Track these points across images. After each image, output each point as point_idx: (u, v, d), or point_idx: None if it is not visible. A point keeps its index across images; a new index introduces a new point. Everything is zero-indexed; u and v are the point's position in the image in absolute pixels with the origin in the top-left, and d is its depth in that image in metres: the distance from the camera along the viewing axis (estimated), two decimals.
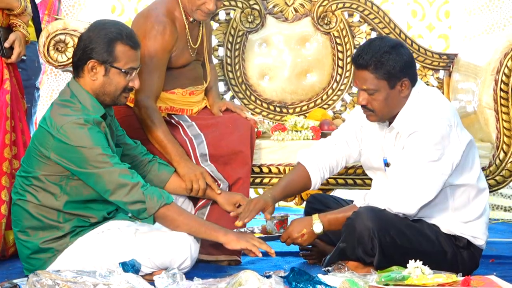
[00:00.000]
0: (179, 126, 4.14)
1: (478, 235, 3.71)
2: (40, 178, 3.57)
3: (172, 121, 4.20)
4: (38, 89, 4.92)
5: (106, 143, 3.54)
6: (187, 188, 3.97)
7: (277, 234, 3.80)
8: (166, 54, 4.06)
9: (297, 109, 4.97)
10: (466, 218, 3.69)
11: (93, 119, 3.52)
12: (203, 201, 4.06)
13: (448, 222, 3.69)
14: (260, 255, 3.60)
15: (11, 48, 4.17)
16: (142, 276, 3.37)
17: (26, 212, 3.60)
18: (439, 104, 3.65)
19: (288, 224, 3.81)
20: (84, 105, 3.58)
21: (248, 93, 4.96)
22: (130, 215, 3.65)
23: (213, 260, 3.99)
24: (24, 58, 4.36)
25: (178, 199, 4.03)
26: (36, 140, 3.58)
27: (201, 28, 4.28)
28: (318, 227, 3.69)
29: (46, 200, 3.58)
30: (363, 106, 3.68)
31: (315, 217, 3.71)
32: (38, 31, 4.59)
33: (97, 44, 3.57)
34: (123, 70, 3.60)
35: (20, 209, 3.62)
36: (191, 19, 4.18)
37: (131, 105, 4.09)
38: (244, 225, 3.80)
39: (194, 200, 4.10)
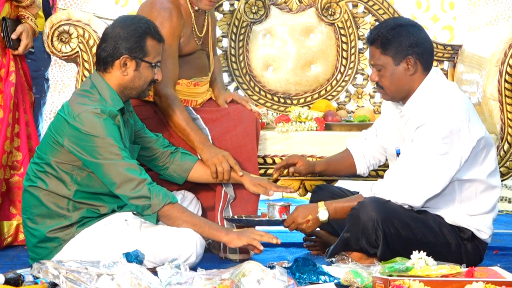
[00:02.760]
0: None
1: (482, 229, 3.70)
2: (52, 165, 3.60)
3: None
4: (47, 80, 4.93)
5: (119, 136, 3.57)
6: (212, 172, 3.98)
7: (281, 219, 3.80)
8: (175, 40, 4.07)
9: (301, 100, 4.97)
10: (472, 211, 3.69)
11: (109, 111, 3.56)
12: (221, 203, 4.07)
13: (454, 214, 3.68)
14: (262, 248, 3.60)
15: (19, 40, 4.17)
16: None
17: (36, 198, 3.63)
18: (451, 98, 3.63)
19: (291, 211, 3.81)
20: (103, 96, 3.63)
21: (252, 84, 4.96)
22: (134, 212, 3.65)
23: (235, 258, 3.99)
24: (32, 50, 4.36)
25: (186, 199, 4.04)
26: (52, 127, 3.63)
27: (206, 17, 4.29)
28: (323, 215, 3.69)
29: (56, 187, 3.61)
30: (376, 84, 3.74)
31: (321, 204, 3.71)
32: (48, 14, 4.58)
33: (128, 40, 3.63)
34: (152, 64, 3.67)
35: (30, 196, 3.65)
36: (196, 8, 4.18)
37: None
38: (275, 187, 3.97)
39: (206, 202, 4.13)
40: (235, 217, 3.93)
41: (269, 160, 4.38)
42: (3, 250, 4.12)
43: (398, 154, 3.77)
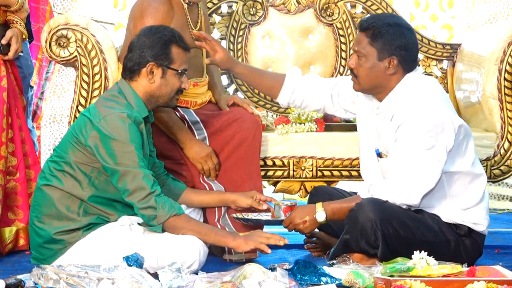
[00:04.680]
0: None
1: (478, 221, 3.71)
2: (72, 164, 3.63)
3: (177, 114, 4.20)
4: (32, 87, 4.93)
5: (141, 143, 3.60)
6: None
7: (280, 219, 3.80)
8: None
9: None
10: (465, 204, 3.69)
11: (135, 117, 3.60)
12: (217, 211, 4.08)
13: (448, 211, 3.69)
14: (270, 251, 3.61)
15: (8, 45, 4.17)
16: None
17: (48, 198, 3.65)
18: (428, 92, 3.65)
19: None
20: (130, 102, 3.66)
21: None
22: (141, 221, 3.67)
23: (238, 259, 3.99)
24: (21, 54, 4.36)
25: (187, 209, 4.04)
26: (75, 127, 3.66)
27: (199, 14, 4.30)
28: (321, 216, 3.70)
29: (71, 187, 3.63)
30: (351, 71, 3.73)
31: (319, 205, 3.72)
32: (28, 30, 4.56)
33: (153, 48, 3.68)
34: (179, 71, 3.71)
35: (43, 195, 3.67)
36: (187, 0, 4.20)
37: None
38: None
39: (204, 209, 4.12)
40: (240, 215, 3.92)
41: (269, 162, 4.38)
42: (4, 256, 4.11)
43: (378, 154, 3.77)
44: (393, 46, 3.65)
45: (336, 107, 4.03)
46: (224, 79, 4.87)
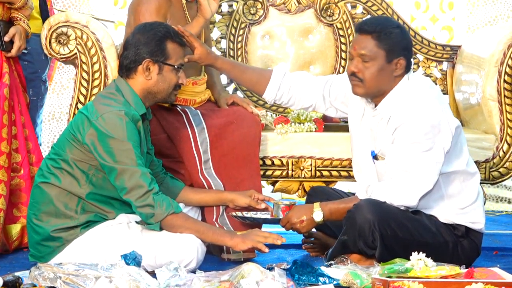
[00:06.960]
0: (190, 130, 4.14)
1: (476, 219, 3.72)
2: (70, 162, 3.62)
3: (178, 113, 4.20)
4: (45, 82, 4.92)
5: (138, 141, 3.59)
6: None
7: (279, 218, 3.81)
8: (160, 18, 4.07)
9: None
10: (463, 204, 3.70)
11: (132, 115, 3.59)
12: (216, 210, 4.07)
13: (446, 211, 3.69)
14: (267, 250, 3.62)
15: (11, 42, 4.17)
16: None
17: (46, 195, 3.65)
18: (424, 93, 3.65)
19: None
20: (127, 100, 3.66)
21: None
22: (139, 220, 3.67)
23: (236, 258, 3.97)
24: (25, 51, 4.35)
25: (185, 207, 4.04)
26: (73, 124, 3.65)
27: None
28: (318, 215, 3.70)
29: (69, 185, 3.63)
30: (353, 74, 3.67)
31: (316, 205, 3.72)
32: None
33: (148, 44, 3.67)
34: (175, 67, 3.70)
35: (41, 192, 3.67)
36: None
37: None
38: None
39: (202, 208, 4.12)
40: (240, 214, 3.92)
41: (268, 162, 4.38)
42: (2, 253, 4.11)
43: (374, 156, 3.77)
44: (400, 47, 3.64)
45: (327, 106, 4.02)
46: (224, 78, 4.87)
